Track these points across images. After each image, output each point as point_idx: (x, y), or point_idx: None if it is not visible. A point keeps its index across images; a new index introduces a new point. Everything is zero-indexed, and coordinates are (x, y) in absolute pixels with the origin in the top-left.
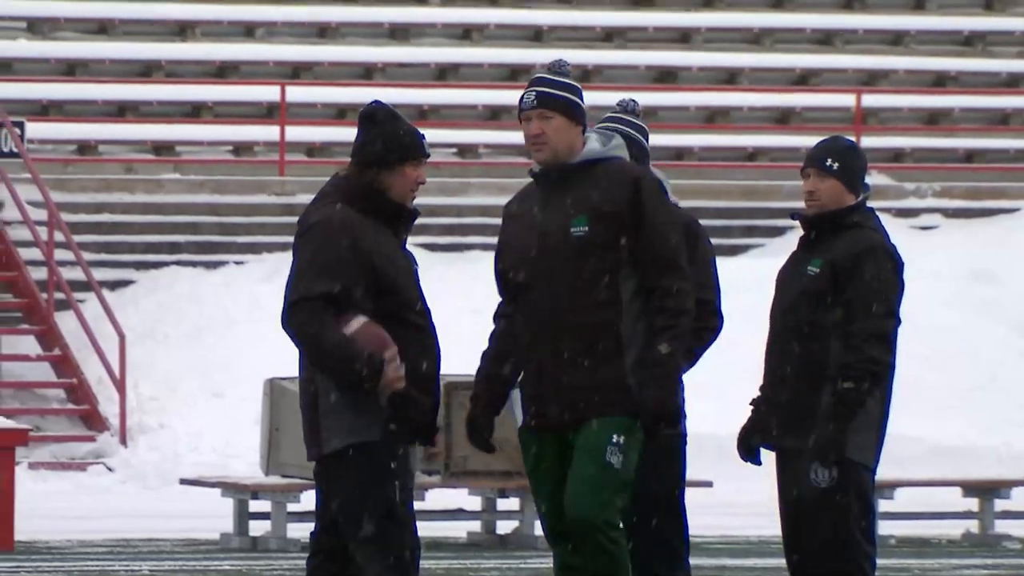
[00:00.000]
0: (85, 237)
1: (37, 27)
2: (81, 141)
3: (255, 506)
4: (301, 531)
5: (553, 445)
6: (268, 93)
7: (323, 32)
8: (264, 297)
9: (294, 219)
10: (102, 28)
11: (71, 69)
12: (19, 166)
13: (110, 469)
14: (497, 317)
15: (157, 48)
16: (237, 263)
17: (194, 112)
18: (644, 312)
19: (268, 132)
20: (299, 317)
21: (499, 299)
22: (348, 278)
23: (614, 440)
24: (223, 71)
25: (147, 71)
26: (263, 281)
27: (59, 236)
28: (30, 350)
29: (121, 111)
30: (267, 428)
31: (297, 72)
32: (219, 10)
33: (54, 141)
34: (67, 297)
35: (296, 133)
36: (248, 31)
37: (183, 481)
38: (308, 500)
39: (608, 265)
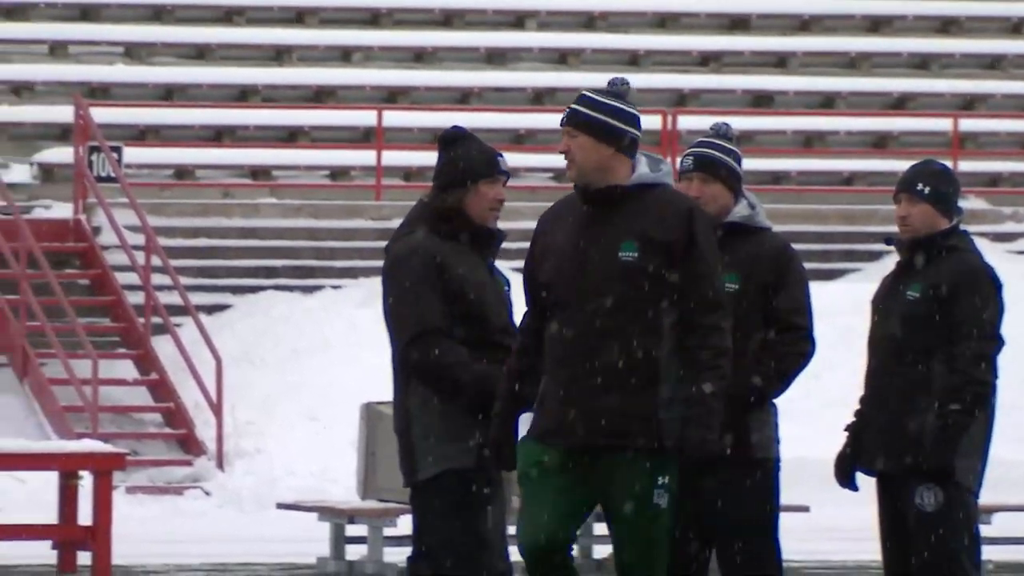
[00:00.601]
0: (182, 261)
1: (135, 52)
2: (178, 166)
3: (352, 530)
4: (398, 555)
5: (566, 460)
6: (365, 118)
7: (420, 56)
8: (361, 321)
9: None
10: (199, 53)
11: (168, 94)
12: (116, 191)
13: (207, 493)
14: (522, 330)
15: (254, 73)
16: (334, 287)
17: (291, 137)
18: (680, 345)
19: (365, 156)
20: (431, 349)
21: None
22: (442, 306)
23: (660, 483)
24: (320, 96)
25: (244, 96)
26: (360, 305)
27: (156, 261)
28: (127, 374)
29: (218, 136)
30: (363, 452)
31: (394, 96)
32: (316, 35)
33: (151, 166)
34: (164, 321)
35: (393, 157)
36: (345, 55)
37: (280, 505)
38: (405, 524)
39: (653, 293)
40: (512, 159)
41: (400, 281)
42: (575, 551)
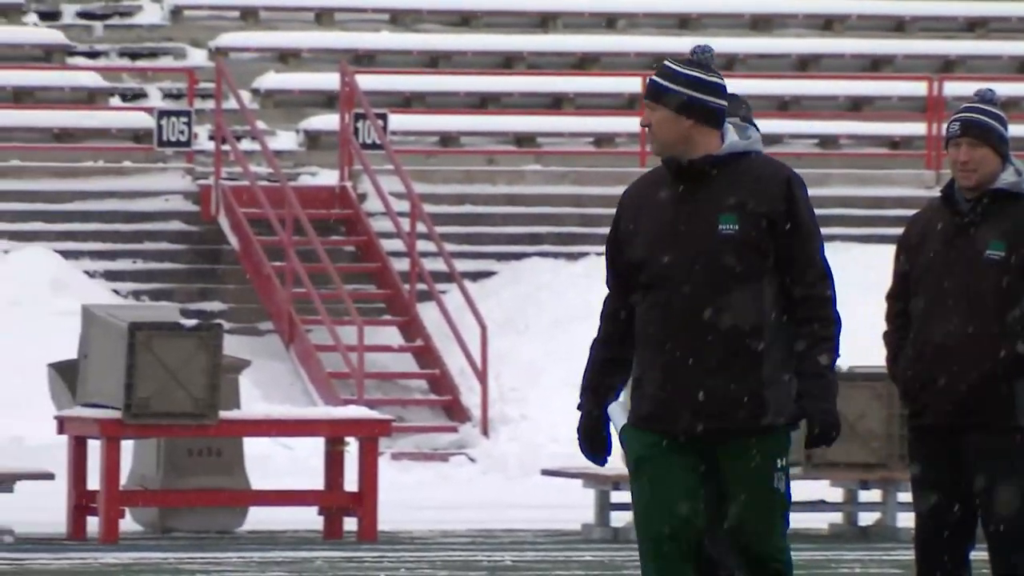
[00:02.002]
0: (447, 228)
1: (400, 19)
2: (443, 133)
3: (617, 497)
4: None
5: (674, 443)
6: (629, 84)
7: (684, 23)
8: None
9: None
10: (464, 20)
11: (433, 61)
12: (382, 158)
13: (472, 460)
14: (605, 317)
15: (519, 40)
16: (598, 254)
17: (555, 103)
18: (783, 321)
19: (629, 123)
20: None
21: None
22: None
23: (778, 465)
24: (584, 62)
25: (508, 63)
26: None
27: (421, 227)
28: (393, 341)
29: (483, 103)
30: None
31: (658, 62)
32: (581, 1)
33: (416, 133)
34: (429, 288)
35: None
36: (610, 22)
37: (544, 472)
38: None
39: (755, 267)
40: (777, 126)
41: None
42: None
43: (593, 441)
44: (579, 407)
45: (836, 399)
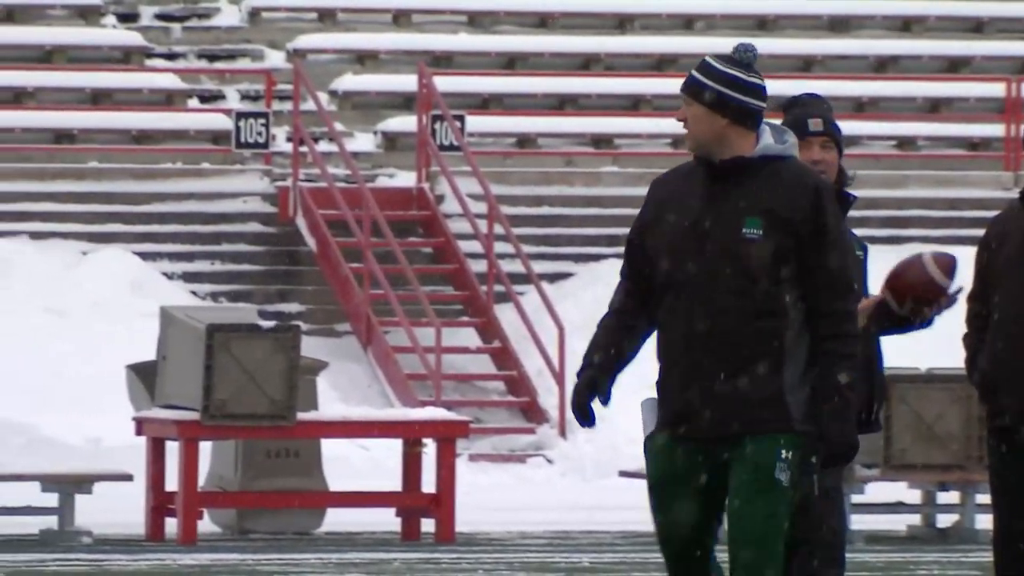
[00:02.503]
0: (524, 230)
1: (478, 21)
2: (520, 134)
3: None
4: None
5: (697, 456)
6: None
7: (762, 24)
8: None
9: None
10: (542, 21)
11: (511, 62)
12: (459, 159)
13: (549, 461)
14: (619, 291)
15: (596, 41)
16: None
17: (633, 105)
18: (805, 327)
19: None
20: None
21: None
22: None
23: (783, 456)
24: (662, 64)
25: (586, 64)
26: None
27: (499, 229)
28: (470, 342)
29: (560, 104)
30: None
31: None
32: (659, 3)
33: (494, 134)
34: (507, 289)
35: None
36: (687, 23)
37: (622, 473)
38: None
39: (777, 273)
40: (855, 127)
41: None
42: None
43: (578, 402)
44: (589, 366)
45: (854, 418)
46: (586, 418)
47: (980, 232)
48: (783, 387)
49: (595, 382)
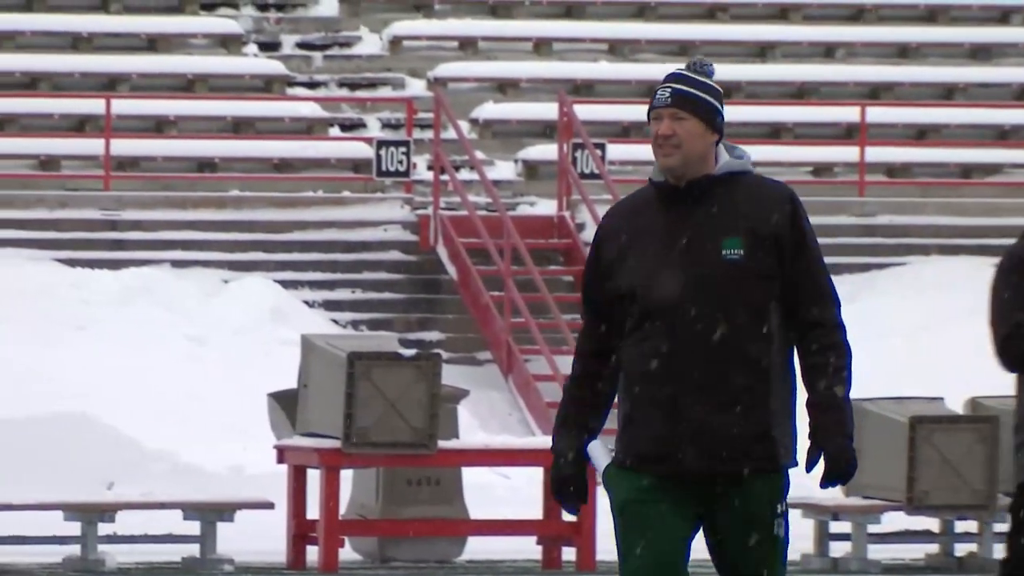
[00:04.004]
0: None
1: (618, 49)
2: None
3: (835, 527)
4: (881, 552)
5: (666, 484)
6: (848, 114)
7: (903, 52)
8: (845, 318)
9: (874, 240)
10: (682, 49)
11: (651, 91)
12: (600, 187)
13: None
14: (583, 355)
15: (737, 69)
16: None
17: (774, 133)
18: (788, 350)
19: (847, 153)
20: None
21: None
22: None
23: (779, 510)
24: (803, 92)
25: (727, 92)
26: (843, 302)
27: None
28: None
29: None
30: None
31: (876, 92)
32: (799, 31)
33: (635, 162)
34: None
35: (876, 154)
36: (828, 52)
37: None
38: (889, 521)
39: (760, 294)
40: (995, 155)
41: (1002, 280)
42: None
43: (568, 487)
44: (552, 449)
45: (853, 433)
46: (573, 511)
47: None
48: (771, 420)
49: (567, 482)
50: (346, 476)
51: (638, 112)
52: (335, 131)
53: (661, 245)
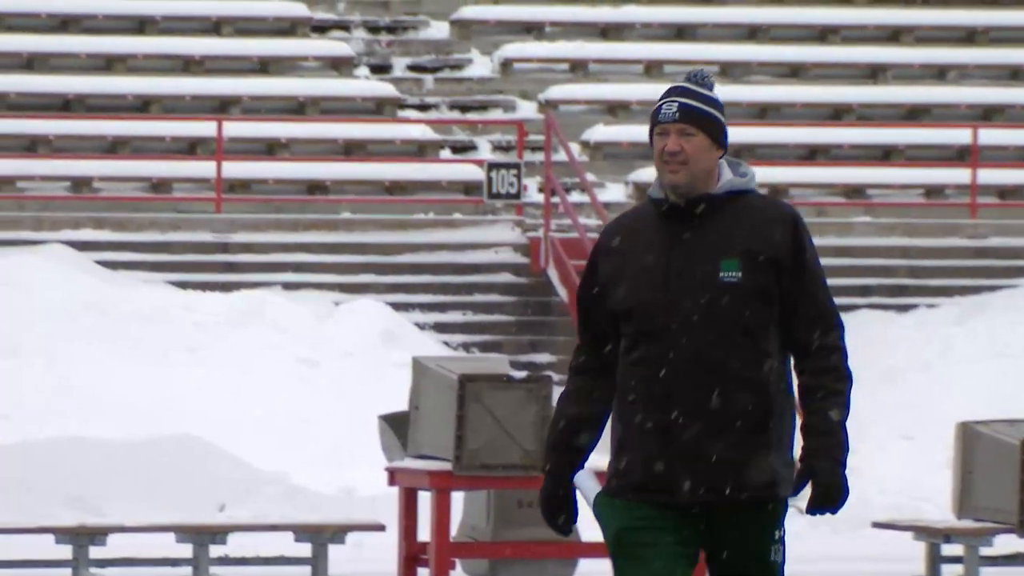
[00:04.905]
0: None
1: (729, 71)
2: (773, 184)
3: (947, 550)
4: (993, 575)
5: (663, 513)
6: (959, 136)
7: (1015, 74)
8: (956, 340)
9: (986, 262)
10: (793, 72)
11: (763, 112)
12: None
13: (801, 512)
14: (576, 372)
15: (848, 91)
16: (928, 306)
17: (885, 155)
18: (787, 375)
19: (959, 175)
20: None
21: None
22: None
23: (776, 536)
24: (914, 113)
25: (838, 114)
26: (955, 324)
27: None
28: None
29: (812, 154)
30: (959, 472)
31: (989, 114)
32: (911, 53)
33: None
34: None
35: (988, 176)
36: (940, 73)
37: (874, 524)
38: (1001, 544)
39: (761, 318)
40: None
41: None
42: None
43: (557, 508)
44: (543, 469)
45: (846, 459)
46: (564, 532)
47: None
48: (770, 448)
49: (556, 503)
50: (457, 498)
51: (749, 134)
52: (446, 153)
53: (657, 265)
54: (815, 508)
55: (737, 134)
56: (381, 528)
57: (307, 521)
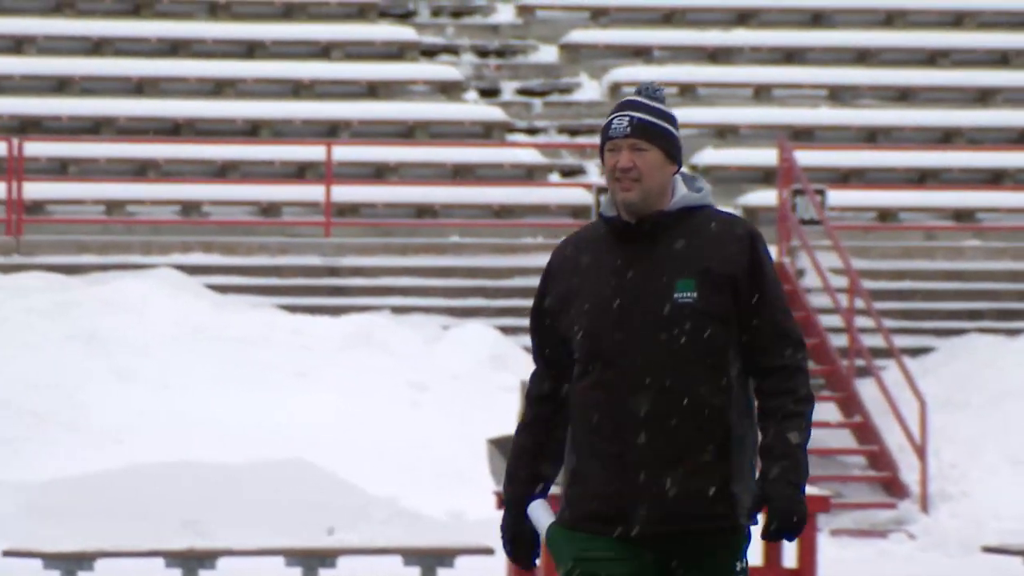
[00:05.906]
0: (885, 304)
1: (838, 94)
2: (882, 208)
3: None
4: None
5: (619, 545)
6: None
7: None
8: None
9: None
10: (902, 95)
11: (872, 136)
12: (820, 233)
13: (911, 536)
14: (533, 399)
15: (957, 115)
16: None
17: (995, 179)
18: (749, 399)
19: None
20: None
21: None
22: None
23: (737, 568)
24: (1023, 137)
25: (947, 138)
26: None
27: (859, 303)
28: (831, 417)
29: (922, 178)
30: None
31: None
32: (1022, 77)
33: (855, 208)
34: (867, 364)
35: None
36: (981, 97)
37: (986, 549)
38: None
39: (719, 339)
40: None
41: None
42: None
43: (518, 541)
44: (503, 501)
45: (805, 484)
46: (524, 566)
47: None
48: (730, 476)
49: (522, 536)
50: None
51: (858, 158)
52: (554, 177)
53: (610, 286)
54: (771, 534)
55: (846, 158)
56: (490, 552)
57: (416, 545)
